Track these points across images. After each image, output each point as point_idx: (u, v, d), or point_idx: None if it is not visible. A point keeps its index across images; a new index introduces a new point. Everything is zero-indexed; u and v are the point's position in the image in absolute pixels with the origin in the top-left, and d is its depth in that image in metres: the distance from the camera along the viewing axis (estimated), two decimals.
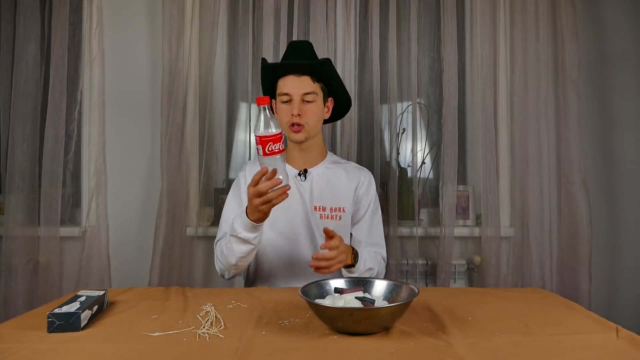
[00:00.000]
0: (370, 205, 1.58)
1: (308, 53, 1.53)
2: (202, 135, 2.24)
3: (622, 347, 0.93)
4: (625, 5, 2.31)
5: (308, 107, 1.47)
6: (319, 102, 1.51)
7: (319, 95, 1.50)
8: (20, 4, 2.16)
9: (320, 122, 1.54)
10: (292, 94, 1.46)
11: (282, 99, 1.48)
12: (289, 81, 1.47)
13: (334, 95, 1.58)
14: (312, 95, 1.47)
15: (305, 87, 1.47)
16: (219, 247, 1.49)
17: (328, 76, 1.52)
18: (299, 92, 1.46)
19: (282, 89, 1.48)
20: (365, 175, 1.61)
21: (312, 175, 1.55)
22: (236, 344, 0.94)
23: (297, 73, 1.47)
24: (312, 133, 1.51)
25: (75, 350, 0.92)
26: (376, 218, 1.60)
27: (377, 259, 1.53)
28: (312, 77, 1.47)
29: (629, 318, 2.21)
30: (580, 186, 2.14)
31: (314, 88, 1.48)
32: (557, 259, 2.20)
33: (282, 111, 1.49)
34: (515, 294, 1.35)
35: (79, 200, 2.30)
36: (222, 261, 1.45)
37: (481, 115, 2.19)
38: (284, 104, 1.48)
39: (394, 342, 0.95)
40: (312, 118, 1.49)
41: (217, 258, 1.49)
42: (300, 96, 1.46)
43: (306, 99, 1.47)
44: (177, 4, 2.18)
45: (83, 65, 2.25)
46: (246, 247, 1.36)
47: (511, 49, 2.24)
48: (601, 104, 2.31)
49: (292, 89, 1.46)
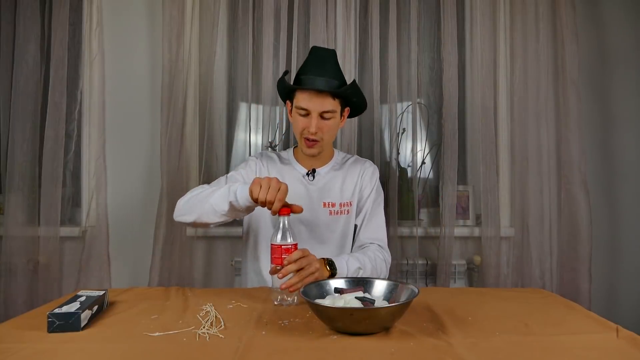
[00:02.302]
0: (372, 193, 1.59)
1: (331, 67, 1.46)
2: (202, 135, 2.24)
3: (622, 347, 0.93)
4: (625, 5, 2.31)
5: (325, 123, 1.45)
6: (337, 118, 1.48)
7: (337, 111, 1.47)
8: (20, 4, 2.16)
9: (334, 136, 1.54)
10: (310, 110, 1.43)
11: (299, 112, 1.45)
12: (308, 96, 1.42)
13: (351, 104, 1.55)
14: (330, 113, 1.44)
15: (325, 105, 1.42)
16: (198, 189, 1.42)
17: (350, 97, 1.50)
18: (318, 109, 1.43)
19: (300, 102, 1.44)
20: (368, 166, 1.62)
21: (320, 175, 1.56)
22: (236, 344, 0.94)
23: (318, 90, 1.42)
24: (326, 147, 1.52)
25: (75, 350, 0.92)
26: (378, 208, 1.60)
27: (369, 255, 1.46)
28: (332, 95, 1.43)
29: (629, 318, 2.21)
30: (580, 186, 2.14)
31: (334, 106, 1.44)
32: (557, 259, 2.20)
33: (298, 122, 1.47)
34: (515, 294, 1.35)
35: (79, 200, 2.30)
36: (190, 202, 1.37)
37: (481, 115, 2.19)
38: (301, 117, 1.46)
39: (394, 342, 0.95)
40: (327, 133, 1.48)
41: (185, 198, 1.41)
42: (318, 113, 1.43)
43: (324, 117, 1.44)
44: (177, 4, 2.18)
45: (83, 65, 2.25)
46: (222, 208, 1.28)
47: (511, 49, 2.24)
48: (601, 104, 2.31)
49: (311, 105, 1.42)
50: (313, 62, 1.47)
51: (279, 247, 1.18)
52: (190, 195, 1.40)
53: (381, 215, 1.61)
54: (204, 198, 1.33)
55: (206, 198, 1.32)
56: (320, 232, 1.52)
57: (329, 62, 1.47)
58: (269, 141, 2.22)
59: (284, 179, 1.50)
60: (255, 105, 2.26)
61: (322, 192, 1.53)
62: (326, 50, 1.52)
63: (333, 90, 1.42)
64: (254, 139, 2.25)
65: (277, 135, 2.25)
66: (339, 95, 1.46)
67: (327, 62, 1.47)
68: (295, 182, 1.52)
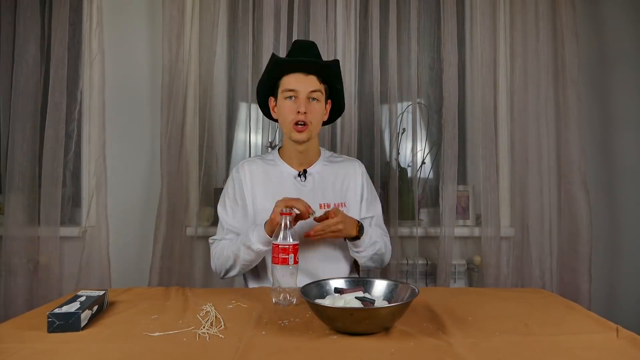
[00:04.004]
0: (364, 192, 1.59)
1: (314, 54, 1.53)
2: (202, 135, 2.24)
3: (622, 347, 0.93)
4: (625, 5, 2.31)
5: (313, 106, 1.47)
6: (322, 103, 1.51)
7: (323, 95, 1.51)
8: (20, 4, 2.16)
9: (320, 123, 1.54)
10: (299, 91, 1.46)
11: (286, 95, 1.47)
12: (296, 78, 1.46)
13: (332, 98, 1.58)
14: (317, 93, 1.47)
15: (312, 85, 1.47)
16: (219, 247, 1.50)
17: (335, 78, 1.53)
18: (306, 89, 1.46)
19: (288, 85, 1.47)
20: (358, 166, 1.61)
21: (312, 175, 1.55)
22: (236, 344, 0.94)
23: (305, 71, 1.47)
24: (314, 133, 1.52)
25: (75, 350, 0.92)
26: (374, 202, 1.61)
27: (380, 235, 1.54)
28: (318, 77, 1.48)
29: (629, 318, 2.21)
30: (580, 186, 2.14)
31: (320, 87, 1.49)
32: (557, 259, 2.20)
33: (286, 108, 1.48)
34: (515, 294, 1.35)
35: (79, 200, 2.30)
36: (223, 263, 1.47)
37: (481, 115, 2.19)
38: (288, 100, 1.47)
39: (394, 342, 0.95)
40: (315, 117, 1.49)
41: (215, 258, 1.51)
42: (306, 94, 1.46)
43: (312, 97, 1.47)
44: (177, 4, 2.18)
45: (83, 65, 2.25)
46: (254, 257, 1.41)
47: (511, 49, 2.24)
48: (601, 104, 2.31)
49: (299, 85, 1.46)
50: (297, 50, 1.53)
51: (277, 247, 1.19)
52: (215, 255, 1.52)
53: (378, 208, 1.62)
54: (235, 258, 1.44)
55: (237, 258, 1.43)
56: None
57: (313, 50, 1.54)
58: (269, 141, 2.22)
59: (270, 180, 1.53)
60: (255, 105, 2.25)
61: (316, 193, 1.53)
62: (308, 42, 1.60)
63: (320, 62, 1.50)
64: (253, 139, 2.25)
65: (277, 135, 2.26)
66: (326, 78, 1.50)
67: (311, 50, 1.53)
68: (285, 183, 1.52)
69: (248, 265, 1.44)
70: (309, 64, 1.47)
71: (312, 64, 1.47)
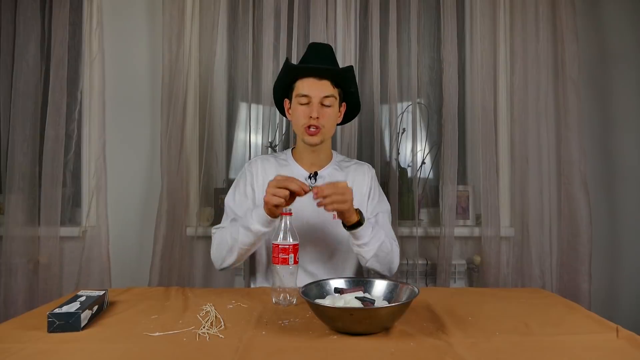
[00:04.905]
0: (371, 193, 1.59)
1: (329, 57, 1.53)
2: (202, 135, 2.24)
3: (622, 347, 0.93)
4: (625, 5, 2.31)
5: (325, 111, 1.48)
6: (336, 107, 1.51)
7: (337, 100, 1.51)
8: (20, 4, 2.16)
9: (334, 126, 1.55)
10: (312, 96, 1.46)
11: (300, 101, 1.48)
12: (309, 83, 1.47)
13: (347, 101, 1.58)
14: (330, 99, 1.47)
15: (326, 90, 1.47)
16: (219, 235, 1.47)
17: (349, 83, 1.53)
18: (319, 95, 1.46)
19: (301, 90, 1.47)
20: (367, 170, 1.62)
21: (322, 178, 1.56)
22: (236, 344, 0.94)
23: (319, 76, 1.47)
24: (327, 136, 1.53)
25: (75, 350, 0.92)
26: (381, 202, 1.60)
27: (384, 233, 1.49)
28: (332, 81, 1.48)
29: (629, 318, 2.21)
30: (580, 186, 2.14)
31: (333, 92, 1.49)
32: (557, 259, 2.20)
33: (299, 112, 1.49)
34: (515, 294, 1.35)
35: (79, 200, 2.30)
36: (222, 249, 1.44)
37: (481, 115, 2.19)
38: (302, 106, 1.48)
39: (394, 342, 0.95)
40: (328, 121, 1.49)
41: (215, 246, 1.47)
42: (319, 99, 1.46)
43: (325, 103, 1.47)
44: (177, 4, 2.18)
45: (83, 65, 2.25)
46: (253, 240, 1.37)
47: (511, 49, 2.24)
48: (601, 104, 2.31)
49: (312, 91, 1.46)
50: (312, 53, 1.53)
51: (277, 247, 1.20)
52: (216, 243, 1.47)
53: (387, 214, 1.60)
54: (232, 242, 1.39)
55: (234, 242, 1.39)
56: (325, 235, 1.52)
57: (327, 54, 1.54)
58: (269, 141, 2.22)
59: None
60: (255, 105, 2.26)
61: None
62: (324, 44, 1.60)
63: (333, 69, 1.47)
64: (254, 139, 2.25)
65: (277, 135, 2.26)
66: (338, 84, 1.50)
67: (325, 54, 1.53)
68: None
69: (247, 250, 1.40)
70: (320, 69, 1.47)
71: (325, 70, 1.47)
